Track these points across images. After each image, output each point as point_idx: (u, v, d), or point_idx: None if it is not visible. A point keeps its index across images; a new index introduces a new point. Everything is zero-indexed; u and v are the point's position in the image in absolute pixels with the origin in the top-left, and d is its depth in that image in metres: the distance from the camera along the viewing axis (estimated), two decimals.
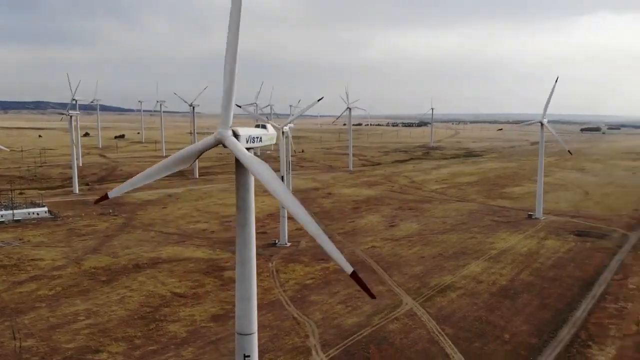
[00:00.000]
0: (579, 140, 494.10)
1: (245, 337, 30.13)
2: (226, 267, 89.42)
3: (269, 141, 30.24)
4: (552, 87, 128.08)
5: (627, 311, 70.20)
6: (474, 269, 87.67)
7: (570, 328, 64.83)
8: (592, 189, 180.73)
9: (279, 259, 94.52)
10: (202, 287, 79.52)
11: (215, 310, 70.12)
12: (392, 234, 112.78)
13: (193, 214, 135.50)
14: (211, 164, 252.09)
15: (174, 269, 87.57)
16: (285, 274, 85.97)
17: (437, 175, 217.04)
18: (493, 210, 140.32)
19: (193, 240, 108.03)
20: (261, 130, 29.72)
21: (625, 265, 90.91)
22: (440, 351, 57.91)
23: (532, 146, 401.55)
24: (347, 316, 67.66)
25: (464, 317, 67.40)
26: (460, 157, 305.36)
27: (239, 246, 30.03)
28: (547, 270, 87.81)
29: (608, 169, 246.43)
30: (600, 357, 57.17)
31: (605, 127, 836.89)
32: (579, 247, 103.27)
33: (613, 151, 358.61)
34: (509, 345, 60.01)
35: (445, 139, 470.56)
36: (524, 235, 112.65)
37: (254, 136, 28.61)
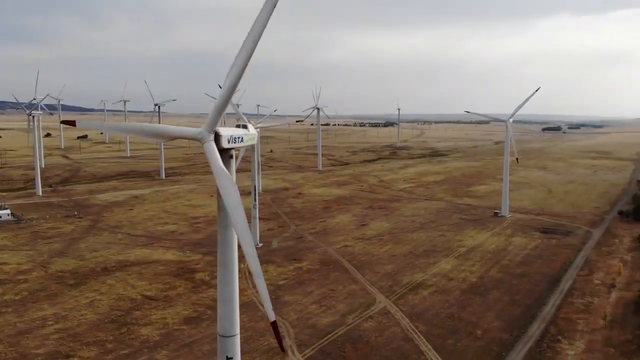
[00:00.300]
0: (541, 140, 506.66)
1: (228, 339, 29.89)
2: (197, 269, 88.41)
3: (250, 141, 29.95)
4: (529, 95, 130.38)
5: (593, 306, 72.25)
6: (444, 267, 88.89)
7: (540, 323, 66.37)
8: (555, 187, 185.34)
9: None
10: (173, 289, 78.37)
11: (188, 313, 69.24)
12: (364, 233, 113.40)
13: (161, 216, 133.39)
14: (178, 165, 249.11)
15: (143, 272, 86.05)
16: None
17: (405, 174, 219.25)
18: (460, 209, 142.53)
19: (162, 243, 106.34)
20: (243, 131, 29.41)
21: (590, 261, 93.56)
22: (414, 348, 58.52)
23: (495, 145, 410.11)
24: (321, 316, 67.72)
25: (436, 314, 68.28)
26: (426, 157, 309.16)
27: (221, 248, 29.64)
28: (515, 267, 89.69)
29: (569, 167, 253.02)
30: (570, 351, 58.70)
31: (565, 126, 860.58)
32: (545, 244, 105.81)
33: (574, 150, 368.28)
34: (481, 341, 61.07)
35: (411, 139, 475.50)
36: (492, 232, 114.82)
37: (236, 136, 28.29)
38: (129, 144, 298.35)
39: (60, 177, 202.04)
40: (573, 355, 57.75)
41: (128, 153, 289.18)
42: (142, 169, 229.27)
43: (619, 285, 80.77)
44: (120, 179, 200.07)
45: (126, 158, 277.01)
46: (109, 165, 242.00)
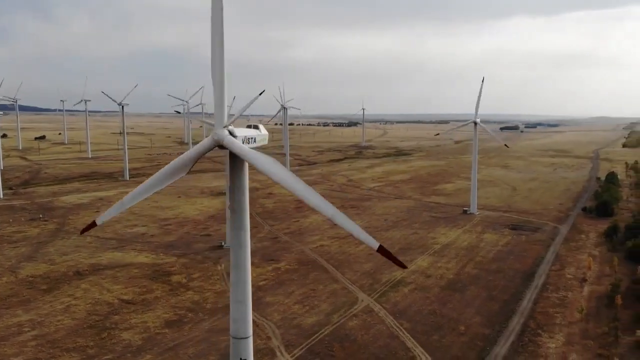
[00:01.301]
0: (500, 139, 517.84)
1: (241, 340, 29.43)
2: (172, 271, 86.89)
3: (262, 141, 29.61)
4: (479, 88, 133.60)
5: (568, 300, 74.40)
6: (421, 264, 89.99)
7: (519, 318, 67.93)
8: (518, 185, 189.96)
9: (227, 261, 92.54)
10: (151, 293, 76.80)
11: (169, 316, 67.97)
12: (338, 233, 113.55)
13: (129, 218, 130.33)
14: (141, 165, 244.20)
15: (117, 275, 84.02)
16: None
17: (373, 173, 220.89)
18: (429, 207, 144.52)
19: (133, 245, 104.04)
20: (255, 131, 29.05)
21: (561, 257, 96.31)
22: (401, 345, 59.04)
23: (456, 145, 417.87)
24: (306, 316, 67.55)
25: (418, 311, 69.06)
26: (391, 156, 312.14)
27: (234, 249, 29.18)
28: (489, 263, 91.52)
29: (530, 165, 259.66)
30: (551, 344, 60.30)
31: (523, 126, 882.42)
32: (515, 240, 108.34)
33: (532, 148, 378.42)
34: (465, 336, 62.06)
35: (375, 139, 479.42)
36: (463, 230, 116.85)
37: (249, 137, 27.93)
38: (89, 145, 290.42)
39: (20, 179, 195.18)
40: (554, 348, 59.34)
41: (89, 154, 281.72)
42: (105, 170, 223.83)
43: (590, 279, 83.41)
44: (83, 180, 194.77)
45: (87, 159, 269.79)
46: (70, 167, 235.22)
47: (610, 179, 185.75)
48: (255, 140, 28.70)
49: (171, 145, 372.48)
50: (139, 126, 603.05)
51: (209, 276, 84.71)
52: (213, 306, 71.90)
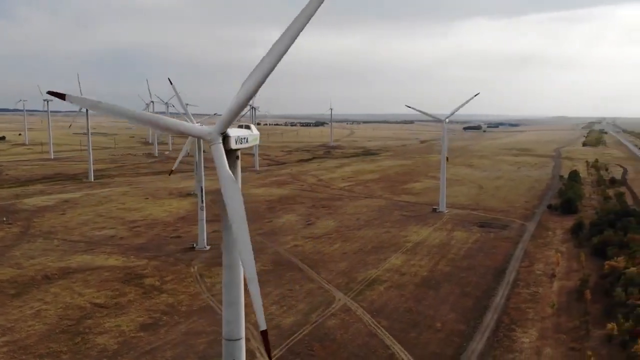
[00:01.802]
0: (464, 138, 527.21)
1: (234, 342, 29.17)
2: (145, 274, 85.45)
3: (254, 142, 29.45)
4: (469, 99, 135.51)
5: (539, 295, 76.28)
6: (394, 262, 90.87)
7: (493, 314, 69.30)
8: (484, 183, 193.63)
9: (200, 263, 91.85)
10: (124, 296, 75.36)
11: (144, 320, 66.86)
12: (312, 232, 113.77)
13: (96, 220, 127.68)
14: (106, 166, 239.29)
15: (88, 279, 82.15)
16: (210, 278, 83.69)
17: (342, 173, 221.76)
18: (400, 206, 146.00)
19: (102, 248, 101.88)
20: (247, 131, 28.88)
21: (529, 253, 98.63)
22: (380, 343, 59.52)
23: (422, 144, 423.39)
24: (284, 316, 67.40)
25: (395, 309, 69.73)
26: (359, 156, 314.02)
27: (227, 250, 28.91)
28: (460, 260, 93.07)
29: (494, 164, 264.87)
30: (525, 339, 61.74)
31: (485, 125, 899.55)
32: (484, 237, 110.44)
33: (495, 148, 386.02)
34: (441, 333, 62.98)
35: (342, 139, 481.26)
36: (433, 228, 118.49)
37: (242, 137, 27.74)
38: (52, 146, 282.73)
39: None
40: (528, 342, 60.77)
41: (52, 155, 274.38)
42: (69, 172, 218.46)
43: (559, 275, 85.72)
44: (47, 182, 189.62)
45: (50, 160, 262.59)
46: (32, 168, 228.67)
47: (572, 177, 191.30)
48: (248, 141, 28.53)
49: (135, 146, 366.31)
50: (102, 126, 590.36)
51: (182, 278, 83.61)
52: (188, 309, 71.00)
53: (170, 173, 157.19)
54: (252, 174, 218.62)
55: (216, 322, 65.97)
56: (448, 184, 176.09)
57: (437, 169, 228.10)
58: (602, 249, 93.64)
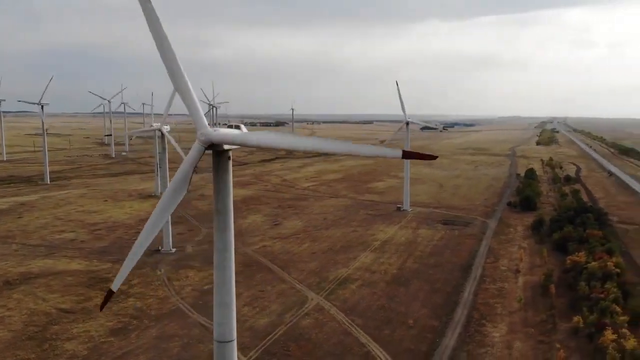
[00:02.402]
0: (422, 138, 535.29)
1: (226, 344, 28.77)
2: (110, 278, 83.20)
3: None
4: (398, 92, 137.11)
5: (505, 291, 78.25)
6: (364, 261, 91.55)
7: (463, 309, 70.71)
8: (444, 182, 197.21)
9: (167, 265, 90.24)
10: (90, 300, 73.34)
11: (113, 324, 65.24)
12: (279, 233, 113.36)
13: (55, 223, 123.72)
14: (61, 168, 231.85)
15: (51, 284, 79.55)
16: (178, 281, 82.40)
17: (306, 173, 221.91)
18: (364, 205, 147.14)
19: (63, 252, 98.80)
20: (239, 132, 28.60)
21: (493, 250, 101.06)
22: (355, 341, 59.88)
23: (381, 144, 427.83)
24: (257, 317, 66.96)
25: (368, 307, 70.27)
26: (322, 156, 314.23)
27: (219, 251, 28.55)
28: (428, 258, 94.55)
29: (453, 163, 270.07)
30: (495, 333, 63.24)
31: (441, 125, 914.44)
32: (449, 235, 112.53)
33: (452, 147, 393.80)
34: (414, 329, 63.84)
35: None
36: (399, 226, 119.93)
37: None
38: (4, 147, 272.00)
39: None
40: (499, 337, 62.29)
41: (4, 156, 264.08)
42: (23, 174, 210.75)
43: (523, 270, 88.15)
44: (0, 185, 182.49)
45: (2, 162, 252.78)
46: None
47: (529, 175, 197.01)
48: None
49: (91, 147, 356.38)
50: (54, 127, 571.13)
51: (149, 282, 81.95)
52: (158, 312, 69.69)
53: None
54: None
55: (188, 325, 65.15)
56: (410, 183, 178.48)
57: (398, 169, 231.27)
58: (563, 244, 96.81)
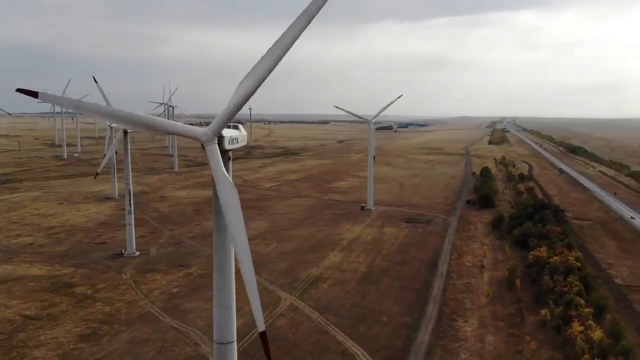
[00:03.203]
0: (378, 138, 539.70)
1: (226, 346, 28.51)
2: (74, 283, 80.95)
3: (243, 142, 29.04)
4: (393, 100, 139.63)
5: (472, 286, 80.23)
6: (333, 260, 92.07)
7: (434, 305, 72.11)
8: (404, 181, 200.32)
9: (132, 269, 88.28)
10: (55, 306, 71.02)
11: (81, 330, 63.40)
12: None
13: (10, 227, 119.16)
14: (11, 170, 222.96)
15: (12, 290, 76.62)
16: (145, 284, 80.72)
17: (267, 173, 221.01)
18: (329, 204, 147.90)
19: (22, 257, 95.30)
20: (237, 132, 28.43)
21: (456, 246, 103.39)
22: (332, 339, 60.21)
23: (339, 144, 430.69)
24: None
25: (341, 305, 70.75)
26: (281, 156, 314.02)
27: (218, 252, 28.22)
28: (395, 255, 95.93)
29: (410, 163, 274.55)
30: (467, 328, 64.80)
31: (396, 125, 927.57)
32: (413, 232, 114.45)
33: (408, 147, 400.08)
34: (389, 326, 64.71)
35: (261, 138, 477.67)
36: (364, 225, 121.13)
37: (234, 137, 27.33)
38: None
39: None
40: (471, 331, 63.86)
41: None
42: None
43: (487, 266, 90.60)
44: None
45: None
46: None
47: (485, 173, 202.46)
48: (238, 141, 28.10)
49: (41, 148, 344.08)
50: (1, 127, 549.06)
51: (115, 286, 79.99)
52: (128, 317, 68.11)
53: (96, 176, 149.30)
54: (172, 176, 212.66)
55: (161, 329, 63.99)
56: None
57: (358, 168, 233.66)
58: (524, 240, 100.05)
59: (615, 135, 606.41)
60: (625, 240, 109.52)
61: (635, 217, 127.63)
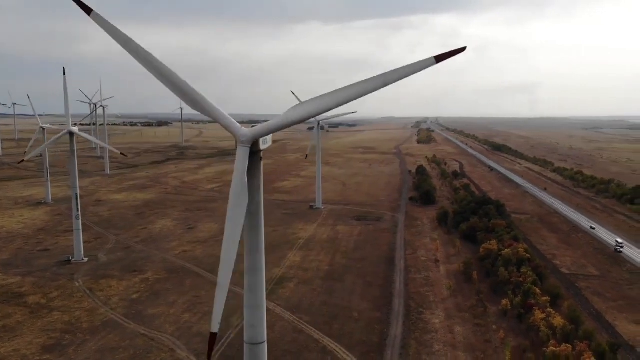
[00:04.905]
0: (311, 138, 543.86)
1: (258, 346, 28.18)
2: (24, 292, 76.61)
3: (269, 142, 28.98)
4: None
5: (432, 279, 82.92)
6: (294, 259, 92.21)
7: (399, 299, 73.98)
8: (346, 180, 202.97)
9: (84, 276, 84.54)
10: (9, 317, 67.06)
11: (43, 341, 60.27)
12: (196, 236, 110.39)
13: None
14: None
15: None
16: (101, 291, 77.59)
17: (206, 174, 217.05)
18: (277, 204, 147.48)
19: None
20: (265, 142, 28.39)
21: (409, 242, 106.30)
22: (309, 338, 60.57)
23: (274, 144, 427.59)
24: (201, 323, 65.13)
25: (312, 304, 71.15)
26: (216, 156, 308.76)
27: (251, 252, 27.78)
28: (353, 253, 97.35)
29: (348, 162, 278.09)
30: (435, 319, 67.03)
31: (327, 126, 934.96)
32: (365, 230, 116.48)
33: (343, 147, 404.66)
34: (361, 322, 65.82)
35: (192, 139, 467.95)
36: (317, 224, 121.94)
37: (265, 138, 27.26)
38: None
39: None
40: (439, 323, 66.13)
41: None
42: None
43: (442, 260, 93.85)
44: None
45: None
46: None
47: (421, 171, 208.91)
48: (267, 142, 28.04)
49: None
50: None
51: (69, 294, 76.42)
52: (90, 325, 65.35)
53: (20, 162, 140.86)
54: (104, 179, 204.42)
55: (128, 336, 61.93)
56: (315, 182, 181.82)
57: (298, 168, 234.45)
58: (472, 234, 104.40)
59: (532, 133, 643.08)
60: (562, 232, 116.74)
61: (595, 227, 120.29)
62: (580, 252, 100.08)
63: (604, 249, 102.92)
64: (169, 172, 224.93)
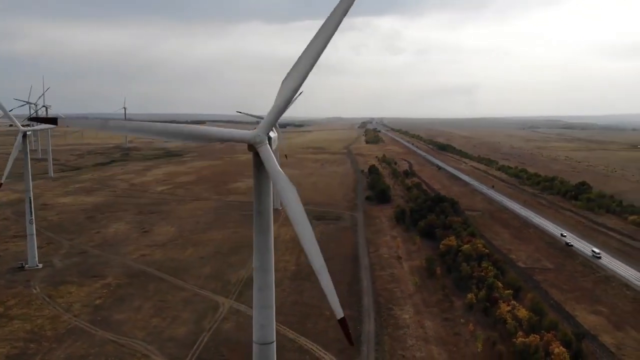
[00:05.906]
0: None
1: (267, 346, 28.11)
2: None
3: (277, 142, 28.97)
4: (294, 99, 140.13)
5: (397, 276, 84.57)
6: None
7: (368, 297, 75.11)
8: (301, 180, 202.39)
9: (41, 282, 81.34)
10: None
11: (7, 351, 57.79)
12: (153, 240, 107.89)
13: None
14: None
15: None
16: (61, 298, 74.87)
17: (154, 176, 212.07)
18: (234, 206, 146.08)
19: None
20: (274, 133, 28.28)
21: (370, 240, 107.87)
22: (284, 337, 60.57)
23: (222, 144, 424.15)
24: (173, 327, 63.99)
25: (282, 304, 70.99)
26: (162, 157, 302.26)
27: (260, 253, 27.76)
28: None
29: (300, 162, 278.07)
30: (405, 315, 68.50)
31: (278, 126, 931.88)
32: (327, 229, 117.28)
33: (293, 147, 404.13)
34: (333, 320, 66.02)
35: (135, 140, 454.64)
36: (278, 224, 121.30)
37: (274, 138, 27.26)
38: None
39: None
40: (409, 318, 67.62)
41: None
42: None
43: (404, 256, 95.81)
44: None
45: None
46: None
47: (374, 171, 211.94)
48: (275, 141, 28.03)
49: None
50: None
51: (28, 302, 73.38)
52: (55, 333, 63.05)
53: None
54: (48, 182, 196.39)
55: (96, 343, 60.19)
56: None
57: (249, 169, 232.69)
58: (430, 231, 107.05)
59: (473, 133, 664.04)
60: (514, 228, 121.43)
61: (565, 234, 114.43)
62: (533, 247, 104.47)
63: (555, 243, 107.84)
64: (116, 174, 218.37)
